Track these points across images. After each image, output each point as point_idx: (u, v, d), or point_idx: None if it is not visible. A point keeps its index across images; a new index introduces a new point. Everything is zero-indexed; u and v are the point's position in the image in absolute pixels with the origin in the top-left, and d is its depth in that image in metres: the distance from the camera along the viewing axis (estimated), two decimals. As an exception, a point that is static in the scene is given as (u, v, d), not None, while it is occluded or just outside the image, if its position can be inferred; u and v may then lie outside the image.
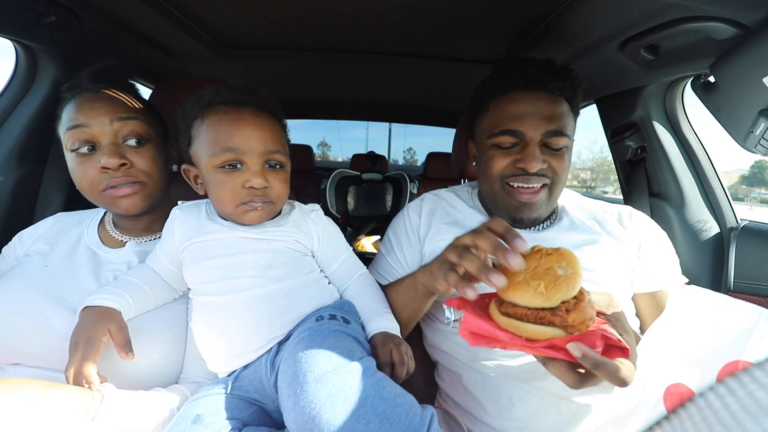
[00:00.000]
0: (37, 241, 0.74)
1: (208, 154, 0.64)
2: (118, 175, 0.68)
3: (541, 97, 0.73)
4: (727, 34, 0.71)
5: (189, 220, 0.69)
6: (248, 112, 0.65)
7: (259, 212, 0.66)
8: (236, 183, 0.64)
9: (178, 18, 1.01)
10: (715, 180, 1.10)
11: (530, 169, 0.72)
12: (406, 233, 0.86)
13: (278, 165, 0.68)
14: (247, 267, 0.65)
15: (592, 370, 0.45)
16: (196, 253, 0.67)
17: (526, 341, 0.47)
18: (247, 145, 0.63)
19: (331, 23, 1.07)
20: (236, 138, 0.63)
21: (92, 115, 0.67)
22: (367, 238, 2.43)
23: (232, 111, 0.65)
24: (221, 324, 0.63)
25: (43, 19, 0.86)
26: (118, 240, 0.77)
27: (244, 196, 0.64)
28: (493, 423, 0.71)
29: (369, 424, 0.45)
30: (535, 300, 0.46)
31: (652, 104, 1.13)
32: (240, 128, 0.64)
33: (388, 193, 2.70)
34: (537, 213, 0.76)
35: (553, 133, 0.72)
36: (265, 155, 0.65)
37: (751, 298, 0.97)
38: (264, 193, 0.65)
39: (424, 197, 0.91)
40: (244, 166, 0.64)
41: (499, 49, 1.18)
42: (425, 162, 2.84)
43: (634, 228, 0.80)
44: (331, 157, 9.15)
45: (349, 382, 0.49)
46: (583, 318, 0.46)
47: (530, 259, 0.49)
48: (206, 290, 0.65)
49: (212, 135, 0.64)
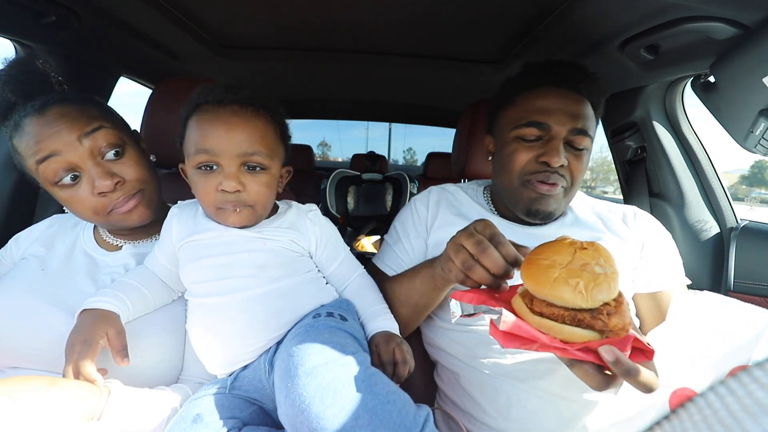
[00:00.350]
0: (34, 243, 0.74)
1: (188, 154, 0.64)
2: (118, 194, 0.67)
3: (571, 95, 0.74)
4: (727, 34, 0.71)
5: (186, 218, 0.69)
6: (227, 112, 0.62)
7: (238, 215, 0.64)
8: (210, 185, 0.62)
9: (179, 18, 1.01)
10: (715, 180, 1.10)
11: (553, 163, 0.72)
12: (414, 224, 0.87)
13: (258, 167, 0.64)
14: (243, 267, 0.64)
15: (623, 376, 0.43)
16: (192, 252, 0.66)
17: (562, 343, 0.43)
18: (220, 147, 0.61)
19: (332, 23, 1.07)
20: (210, 139, 0.61)
21: (56, 139, 0.62)
22: (367, 238, 2.43)
23: (211, 110, 0.63)
24: (217, 326, 0.62)
25: (43, 19, 0.86)
26: (114, 244, 0.76)
27: (219, 200, 0.63)
28: (493, 423, 0.70)
29: (358, 419, 0.45)
30: (576, 300, 0.42)
31: (652, 104, 1.13)
32: (214, 129, 0.61)
33: (388, 193, 2.70)
34: (553, 207, 0.76)
35: (579, 131, 0.73)
36: (240, 157, 0.62)
37: (751, 298, 0.97)
38: (237, 198, 0.63)
39: (431, 190, 0.91)
40: (219, 168, 0.62)
41: (500, 49, 1.18)
42: (425, 162, 2.84)
43: (638, 228, 0.80)
44: (331, 157, 9.14)
45: (340, 375, 0.49)
46: (624, 323, 0.43)
47: (563, 252, 0.45)
48: (202, 291, 0.65)
49: (192, 135, 0.63)
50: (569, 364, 0.47)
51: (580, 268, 0.43)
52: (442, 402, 0.81)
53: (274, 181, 0.68)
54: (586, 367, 0.45)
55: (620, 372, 0.42)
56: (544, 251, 0.47)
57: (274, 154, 0.67)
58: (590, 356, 0.43)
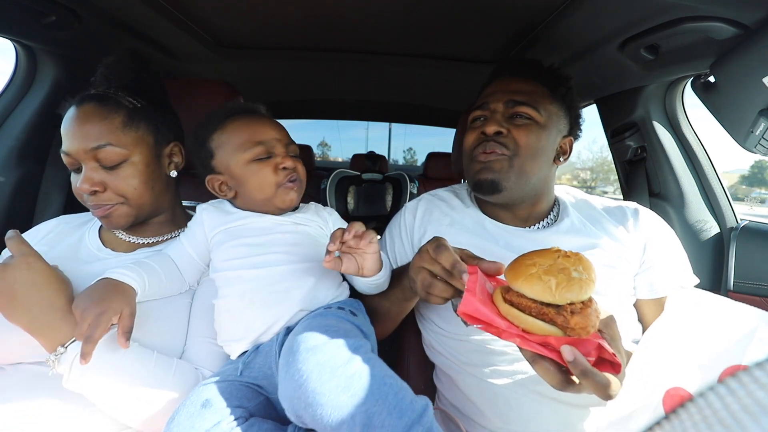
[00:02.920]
0: (39, 243, 0.74)
1: (239, 152, 0.72)
2: (93, 199, 0.69)
3: (512, 79, 0.81)
4: (727, 34, 0.71)
5: (216, 213, 0.75)
6: (261, 115, 0.77)
7: (295, 192, 0.75)
8: (269, 168, 0.73)
9: (179, 18, 1.01)
10: (715, 180, 1.10)
11: (488, 131, 0.76)
12: (400, 233, 0.87)
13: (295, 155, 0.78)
14: (278, 245, 0.72)
15: (579, 377, 0.44)
16: (229, 235, 0.73)
17: (521, 332, 0.46)
18: (273, 138, 0.74)
19: (332, 23, 1.07)
20: (262, 134, 0.73)
21: (70, 143, 0.68)
22: (367, 238, 2.42)
23: (247, 115, 0.76)
24: (251, 294, 0.67)
25: (43, 19, 0.86)
26: (125, 241, 0.77)
27: (282, 177, 0.73)
28: (491, 426, 0.70)
29: (353, 397, 0.45)
30: (544, 294, 0.45)
31: (652, 104, 1.13)
32: (262, 126, 0.74)
33: (388, 193, 2.70)
34: (494, 176, 0.75)
35: (515, 102, 0.76)
36: (288, 146, 0.76)
37: (751, 299, 0.97)
38: (295, 172, 0.75)
39: (422, 198, 0.91)
40: (273, 156, 0.73)
41: (500, 49, 1.19)
42: (425, 162, 2.84)
43: (639, 229, 0.78)
44: (331, 157, 9.15)
45: (340, 354, 0.50)
46: (586, 324, 0.45)
47: (546, 256, 0.48)
48: (237, 265, 0.70)
49: (238, 137, 0.73)
50: (531, 360, 0.48)
51: (558, 270, 0.46)
52: (441, 403, 0.81)
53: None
54: (546, 364, 0.47)
55: (578, 372, 0.44)
56: (531, 255, 0.50)
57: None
58: (553, 354, 0.45)
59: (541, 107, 0.76)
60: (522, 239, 0.78)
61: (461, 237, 0.79)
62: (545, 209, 0.83)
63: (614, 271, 0.73)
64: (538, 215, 0.83)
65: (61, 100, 1.06)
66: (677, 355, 0.51)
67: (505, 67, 0.84)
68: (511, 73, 0.82)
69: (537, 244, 0.76)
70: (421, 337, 0.86)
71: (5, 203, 1.00)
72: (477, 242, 0.78)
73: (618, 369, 0.46)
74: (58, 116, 1.06)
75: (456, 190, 0.93)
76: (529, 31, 1.01)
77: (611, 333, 0.52)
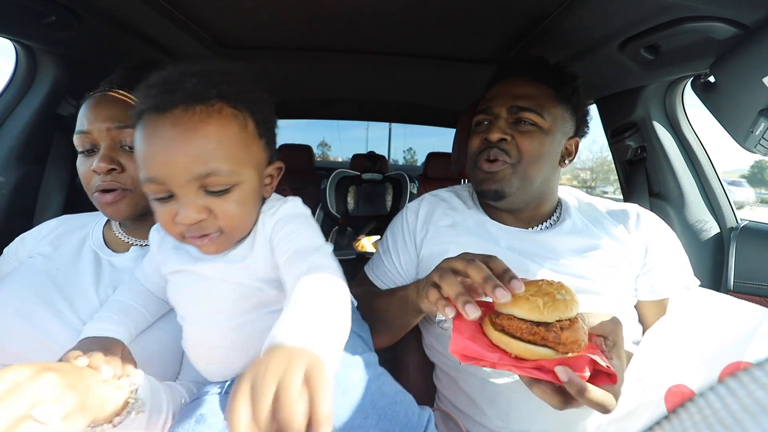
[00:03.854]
0: (41, 242, 0.74)
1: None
2: (107, 179, 0.68)
3: (516, 80, 0.79)
4: (726, 34, 0.71)
5: (165, 243, 0.62)
6: (168, 123, 0.48)
7: (209, 246, 0.53)
8: (168, 216, 0.51)
9: (179, 18, 1.01)
10: (714, 180, 1.10)
11: (491, 138, 0.75)
12: (402, 235, 0.86)
13: (223, 190, 0.51)
14: (222, 300, 0.57)
15: (576, 397, 0.45)
16: (173, 281, 0.61)
17: (515, 361, 0.47)
18: (166, 172, 0.48)
19: (332, 23, 1.07)
20: (152, 164, 0.49)
21: (93, 121, 0.67)
22: (367, 238, 2.43)
23: (150, 122, 0.49)
24: (203, 349, 0.60)
25: (43, 19, 0.86)
26: (124, 242, 0.76)
27: (182, 230, 0.52)
28: (492, 425, 0.70)
29: (367, 418, 0.45)
30: (533, 313, 0.47)
31: (652, 104, 1.13)
32: (154, 149, 0.49)
33: (388, 193, 2.70)
34: (498, 185, 0.76)
35: (519, 108, 0.75)
36: (195, 181, 0.49)
37: (751, 298, 0.98)
38: (201, 228, 0.51)
39: (424, 198, 0.90)
40: (174, 196, 0.50)
41: (500, 48, 1.18)
42: (425, 162, 2.84)
43: (641, 231, 0.78)
44: (331, 157, 9.15)
45: (349, 375, 0.49)
46: (576, 338, 0.47)
47: (531, 284, 0.51)
48: (184, 317, 0.61)
49: (137, 156, 0.51)
50: (529, 385, 0.49)
51: (543, 293, 0.49)
52: (441, 403, 0.81)
53: (252, 193, 0.55)
54: (543, 387, 0.48)
55: (574, 392, 0.45)
56: None
57: (245, 162, 0.53)
58: (548, 376, 0.46)
59: (545, 112, 0.76)
60: (524, 241, 0.78)
61: (463, 238, 0.79)
62: (548, 211, 0.84)
63: (615, 272, 0.74)
64: (541, 216, 0.83)
65: (61, 100, 1.06)
66: (679, 352, 0.51)
67: (511, 66, 0.83)
68: (515, 73, 0.81)
69: (539, 244, 0.77)
70: (421, 337, 0.86)
71: (5, 203, 1.00)
72: (478, 243, 0.78)
73: (614, 379, 0.48)
74: (58, 116, 1.05)
75: (458, 190, 0.93)
76: (530, 31, 1.01)
77: (614, 338, 0.52)
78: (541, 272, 0.73)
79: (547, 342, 0.47)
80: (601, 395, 0.46)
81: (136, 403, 0.49)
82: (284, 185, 1.06)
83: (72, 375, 0.42)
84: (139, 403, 0.49)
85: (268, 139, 0.58)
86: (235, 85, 0.52)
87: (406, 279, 0.85)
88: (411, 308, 0.66)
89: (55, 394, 0.39)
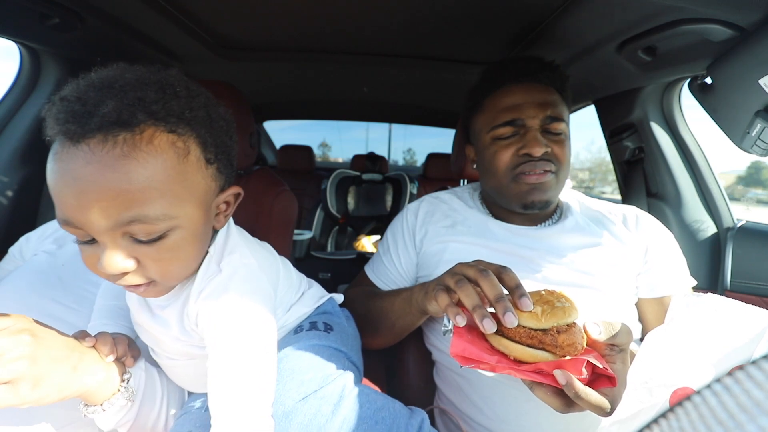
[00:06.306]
0: (46, 240, 0.75)
1: None
2: (127, 280, 0.66)
3: (534, 86, 0.77)
4: (723, 36, 0.71)
5: None
6: (81, 158, 0.38)
7: (145, 293, 0.47)
8: (92, 261, 0.43)
9: (180, 20, 1.02)
10: (711, 180, 1.11)
11: (535, 153, 0.73)
12: (403, 235, 0.87)
13: (156, 238, 0.42)
14: (172, 351, 0.55)
15: (575, 400, 0.46)
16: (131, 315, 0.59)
17: (513, 363, 0.48)
18: (81, 218, 0.39)
19: (332, 24, 1.08)
20: (66, 206, 0.39)
21: None
22: (367, 238, 2.43)
23: (63, 153, 0.39)
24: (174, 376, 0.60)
25: (46, 21, 0.86)
26: None
27: (110, 279, 0.44)
28: (491, 425, 0.70)
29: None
30: (531, 320, 0.49)
31: (650, 105, 1.14)
32: (67, 189, 0.39)
33: (388, 194, 2.70)
34: (547, 195, 0.77)
35: (552, 118, 0.75)
36: (117, 228, 0.40)
37: (748, 298, 0.98)
38: (127, 280, 0.44)
39: (423, 200, 0.91)
40: (96, 240, 0.42)
41: (498, 50, 1.19)
42: (425, 163, 2.84)
43: (641, 231, 0.79)
44: (332, 158, 9.11)
45: (322, 409, 0.47)
46: (573, 340, 0.48)
47: (531, 295, 0.52)
48: (149, 348, 0.60)
49: (52, 195, 0.41)
50: (531, 387, 0.50)
51: (543, 302, 0.50)
52: (441, 402, 0.82)
53: (192, 235, 0.45)
54: (544, 389, 0.49)
55: (572, 395, 0.46)
56: None
57: (183, 199, 0.43)
58: (548, 379, 0.47)
59: (565, 118, 0.78)
60: (527, 237, 0.79)
61: (463, 237, 0.80)
62: (551, 209, 0.85)
63: (617, 269, 0.75)
64: (544, 215, 0.84)
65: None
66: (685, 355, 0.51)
67: (520, 68, 0.79)
68: (524, 78, 0.78)
69: (542, 241, 0.78)
70: (422, 334, 0.87)
71: (9, 204, 1.00)
72: (480, 242, 0.79)
73: (614, 382, 0.48)
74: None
75: (457, 192, 0.93)
76: (528, 33, 1.02)
77: (620, 343, 0.52)
78: (544, 268, 0.74)
79: (545, 345, 0.48)
80: (597, 398, 0.47)
81: (126, 391, 0.49)
82: (284, 185, 1.07)
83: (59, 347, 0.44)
84: (130, 392, 0.50)
85: (220, 164, 0.48)
86: (175, 102, 0.41)
87: (406, 279, 0.86)
88: (416, 309, 0.67)
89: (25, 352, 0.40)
